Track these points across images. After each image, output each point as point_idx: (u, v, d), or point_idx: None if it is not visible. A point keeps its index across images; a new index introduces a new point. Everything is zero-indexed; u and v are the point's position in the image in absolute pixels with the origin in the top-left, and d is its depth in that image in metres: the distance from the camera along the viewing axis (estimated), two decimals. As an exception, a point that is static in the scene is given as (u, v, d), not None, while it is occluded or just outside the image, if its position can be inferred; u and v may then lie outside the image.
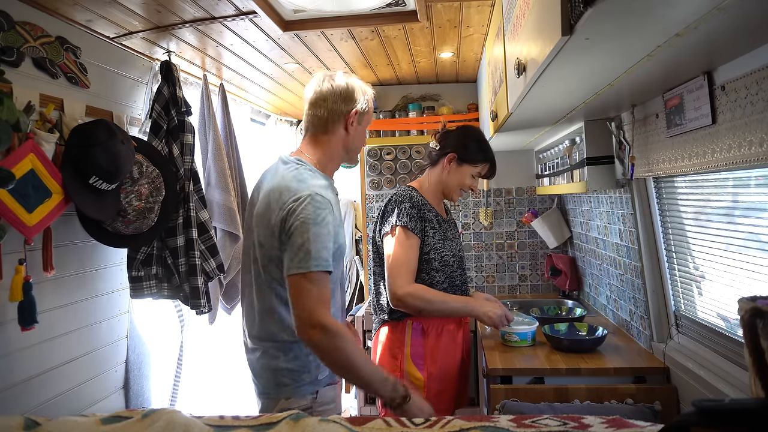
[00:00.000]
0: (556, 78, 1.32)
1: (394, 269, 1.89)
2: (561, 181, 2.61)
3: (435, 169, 2.08)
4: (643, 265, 1.98)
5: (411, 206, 1.94)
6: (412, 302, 1.87)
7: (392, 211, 1.95)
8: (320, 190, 1.46)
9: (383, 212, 2.00)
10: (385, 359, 1.98)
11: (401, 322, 1.98)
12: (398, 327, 1.99)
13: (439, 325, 1.98)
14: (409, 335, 1.96)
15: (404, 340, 1.96)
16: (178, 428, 0.80)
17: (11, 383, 1.61)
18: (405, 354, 1.95)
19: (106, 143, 1.71)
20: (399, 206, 1.94)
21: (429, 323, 1.97)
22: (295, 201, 1.43)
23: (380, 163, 3.55)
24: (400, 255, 1.90)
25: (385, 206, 2.01)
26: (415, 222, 1.93)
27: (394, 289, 1.87)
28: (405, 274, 1.89)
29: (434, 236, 1.97)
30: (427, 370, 1.94)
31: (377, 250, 2.03)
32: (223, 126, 2.68)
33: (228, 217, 2.48)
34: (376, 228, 2.04)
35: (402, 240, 1.91)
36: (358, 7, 2.01)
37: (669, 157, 1.61)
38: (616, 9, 0.84)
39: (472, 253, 3.49)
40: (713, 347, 1.63)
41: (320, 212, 1.43)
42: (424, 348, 1.95)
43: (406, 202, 1.95)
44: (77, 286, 1.91)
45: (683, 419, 0.50)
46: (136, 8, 1.77)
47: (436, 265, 1.97)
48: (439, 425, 0.83)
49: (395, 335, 1.98)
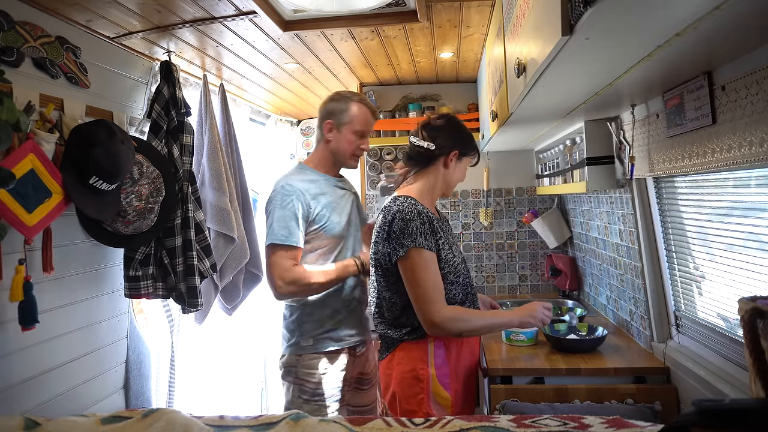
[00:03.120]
0: (557, 78, 1.32)
1: (425, 296, 1.71)
2: (561, 181, 2.61)
3: (431, 170, 1.87)
4: (643, 265, 1.98)
5: (422, 223, 1.75)
6: (453, 326, 1.73)
7: (403, 232, 1.73)
8: (293, 182, 1.99)
9: (389, 231, 1.76)
10: (407, 383, 1.78)
11: (422, 341, 1.79)
12: (418, 347, 1.79)
13: (458, 339, 1.83)
14: (432, 354, 1.79)
15: (427, 360, 1.78)
16: (178, 428, 0.80)
17: (11, 383, 1.61)
18: (431, 375, 1.77)
19: (106, 143, 1.71)
20: (409, 225, 1.73)
21: (450, 339, 1.81)
22: (271, 192, 2.02)
23: (380, 163, 3.55)
24: (427, 279, 1.72)
25: (390, 224, 1.76)
26: (430, 240, 1.75)
27: (430, 317, 1.70)
28: (438, 299, 1.72)
29: (444, 246, 1.80)
30: (453, 389, 1.79)
31: (383, 273, 1.82)
32: (223, 126, 2.67)
33: (220, 217, 2.45)
34: (379, 248, 1.80)
35: (425, 263, 1.73)
36: (358, 7, 2.01)
37: (669, 157, 1.61)
38: (616, 9, 0.84)
39: (472, 253, 3.49)
40: (713, 347, 1.63)
41: (286, 198, 1.95)
42: (449, 367, 1.80)
43: (416, 220, 1.74)
44: (77, 286, 1.91)
45: (683, 419, 0.50)
46: (136, 8, 1.77)
47: (451, 278, 1.80)
48: (439, 425, 0.83)
49: (416, 355, 1.79)
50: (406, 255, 1.72)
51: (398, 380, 1.79)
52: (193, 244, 2.19)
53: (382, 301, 1.84)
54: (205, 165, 2.48)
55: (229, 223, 2.47)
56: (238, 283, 2.62)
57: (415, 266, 1.72)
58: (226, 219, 2.46)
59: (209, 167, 2.47)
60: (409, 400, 1.77)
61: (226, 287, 2.59)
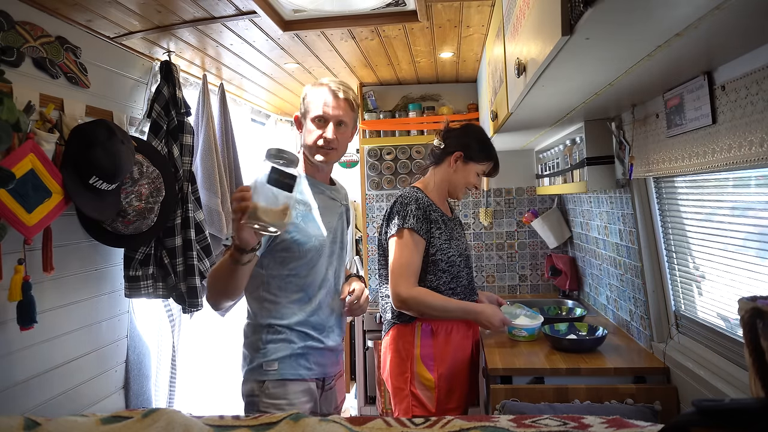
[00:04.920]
0: (557, 78, 1.32)
1: (397, 272, 1.90)
2: (561, 181, 2.60)
3: (440, 168, 2.08)
4: (643, 265, 1.98)
5: (417, 208, 1.93)
6: (415, 306, 1.89)
7: (398, 213, 1.94)
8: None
9: (389, 214, 1.99)
10: (395, 362, 1.98)
11: (410, 324, 1.97)
12: (407, 329, 1.97)
13: (448, 325, 1.98)
14: (418, 337, 1.96)
15: (413, 341, 1.96)
16: (178, 428, 0.80)
17: (11, 383, 1.61)
18: (415, 356, 1.95)
19: (106, 143, 1.71)
20: (405, 208, 1.94)
21: (438, 324, 1.97)
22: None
23: (380, 163, 3.55)
24: (405, 257, 1.90)
25: (390, 207, 2.00)
26: (421, 224, 1.92)
27: (397, 291, 1.88)
28: (408, 277, 1.89)
29: (440, 237, 1.97)
30: (437, 371, 1.93)
31: (384, 253, 2.03)
32: (220, 126, 2.67)
33: (209, 218, 2.46)
34: (382, 230, 2.03)
35: (408, 242, 1.91)
36: (358, 7, 2.01)
37: (669, 157, 1.61)
38: (616, 9, 0.84)
39: (472, 253, 3.49)
40: (713, 347, 1.63)
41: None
42: (434, 349, 1.95)
43: (412, 204, 1.94)
44: (77, 286, 1.91)
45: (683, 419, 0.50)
46: (136, 8, 1.77)
47: (442, 266, 1.97)
48: (439, 425, 0.83)
49: (404, 337, 1.97)
50: (396, 233, 1.92)
51: (390, 359, 2.00)
52: (193, 244, 2.20)
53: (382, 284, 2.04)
54: (198, 165, 2.47)
55: (219, 223, 2.47)
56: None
57: (401, 243, 1.91)
58: (215, 220, 2.47)
59: (202, 167, 2.47)
60: (397, 378, 1.97)
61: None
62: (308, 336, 1.63)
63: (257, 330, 1.63)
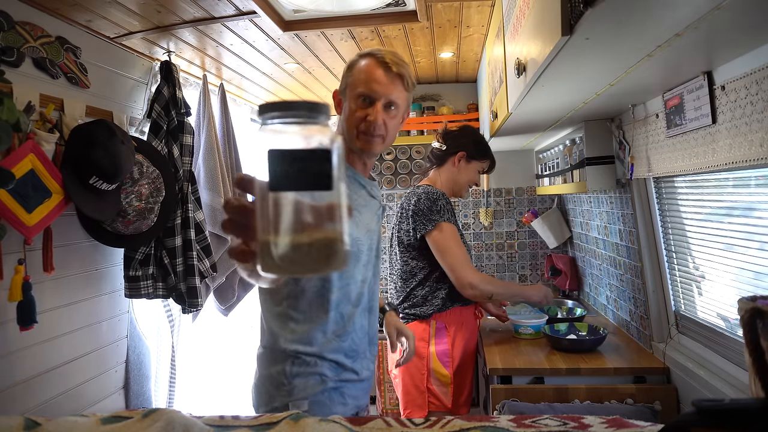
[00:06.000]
0: (557, 78, 1.32)
1: (459, 263, 1.99)
2: (561, 181, 2.61)
3: (443, 169, 2.20)
4: (643, 265, 1.98)
5: (446, 202, 2.06)
6: (485, 287, 2.00)
7: (430, 209, 2.02)
8: None
9: (415, 210, 2.04)
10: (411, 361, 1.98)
11: (425, 321, 2.06)
12: (422, 326, 2.06)
13: (458, 320, 2.08)
14: (433, 334, 2.06)
15: (428, 339, 2.05)
16: (178, 428, 0.79)
17: (11, 383, 1.61)
18: (431, 353, 2.04)
19: (106, 143, 1.71)
20: (436, 204, 2.03)
21: (450, 320, 2.07)
22: None
23: (380, 163, 3.55)
24: (458, 248, 2.02)
25: (416, 204, 2.05)
26: (453, 217, 2.07)
27: (468, 280, 1.98)
28: (470, 265, 2.03)
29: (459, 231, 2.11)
30: (452, 366, 2.04)
31: (407, 248, 2.08)
32: (221, 126, 2.67)
33: (212, 218, 2.46)
34: (402, 226, 2.09)
35: (453, 234, 2.02)
36: (358, 7, 2.01)
37: (669, 157, 1.61)
38: (616, 9, 0.84)
39: (473, 253, 3.49)
40: (713, 347, 1.63)
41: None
42: (449, 346, 2.05)
43: (441, 199, 2.05)
44: (77, 286, 1.91)
45: (683, 419, 0.50)
46: (136, 8, 1.77)
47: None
48: (439, 425, 0.83)
49: (420, 334, 2.04)
50: (436, 227, 1.99)
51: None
52: (193, 244, 2.19)
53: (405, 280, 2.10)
54: (201, 165, 2.48)
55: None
56: (233, 283, 2.62)
57: (447, 237, 1.99)
58: (219, 220, 2.47)
59: (204, 167, 2.47)
60: (413, 376, 2.04)
61: (220, 288, 2.58)
62: (342, 367, 1.33)
63: (278, 359, 1.30)
